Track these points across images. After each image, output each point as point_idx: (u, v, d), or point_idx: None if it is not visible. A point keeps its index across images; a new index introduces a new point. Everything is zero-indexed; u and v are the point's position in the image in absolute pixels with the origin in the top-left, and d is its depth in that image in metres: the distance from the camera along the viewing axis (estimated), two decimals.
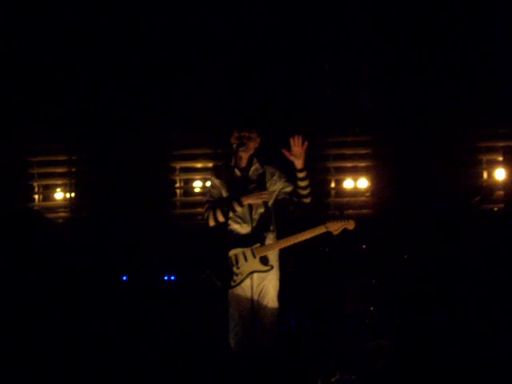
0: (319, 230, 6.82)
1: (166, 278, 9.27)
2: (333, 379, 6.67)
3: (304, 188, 6.85)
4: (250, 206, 6.85)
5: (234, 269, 6.75)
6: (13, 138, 10.24)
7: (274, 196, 6.97)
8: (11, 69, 9.92)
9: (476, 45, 9.60)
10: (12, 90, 9.98)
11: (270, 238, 6.87)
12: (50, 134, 10.24)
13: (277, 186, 6.96)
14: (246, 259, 6.76)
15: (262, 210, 6.86)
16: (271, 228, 6.91)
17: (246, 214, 6.86)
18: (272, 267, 6.80)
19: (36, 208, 10.25)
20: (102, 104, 9.97)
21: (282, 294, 6.96)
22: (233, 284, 6.74)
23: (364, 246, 8.86)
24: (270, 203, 6.92)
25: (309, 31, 9.66)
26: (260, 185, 6.91)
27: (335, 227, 6.79)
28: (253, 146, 6.91)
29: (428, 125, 9.76)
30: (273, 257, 6.87)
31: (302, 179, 6.83)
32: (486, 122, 9.90)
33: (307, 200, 6.92)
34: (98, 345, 7.57)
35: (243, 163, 6.93)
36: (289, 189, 6.94)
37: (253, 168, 6.95)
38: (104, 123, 10.00)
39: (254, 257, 6.76)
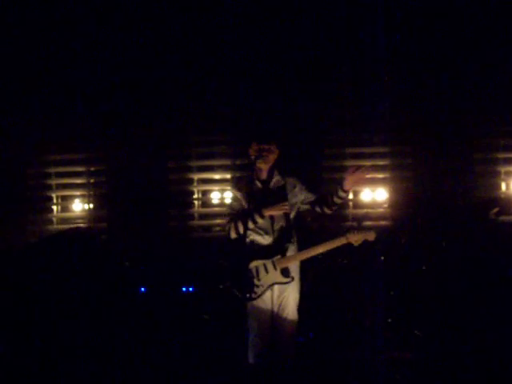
0: (340, 242, 6.78)
1: (184, 289, 9.26)
2: None
3: (335, 204, 6.85)
4: (272, 218, 6.84)
5: (255, 281, 6.72)
6: (31, 148, 10.30)
7: (296, 208, 6.96)
8: (29, 79, 9.98)
9: (494, 53, 9.57)
10: (30, 101, 10.04)
11: (291, 250, 6.84)
12: (69, 144, 10.29)
13: (298, 198, 6.95)
14: (266, 271, 6.74)
15: (283, 221, 6.85)
16: (292, 240, 6.88)
17: (268, 226, 6.84)
18: (293, 279, 6.78)
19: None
20: (120, 115, 10.00)
21: (300, 306, 6.94)
22: (254, 296, 6.71)
23: (382, 258, 8.84)
24: (292, 215, 6.91)
25: (327, 42, 9.66)
26: (281, 196, 6.90)
27: (356, 238, 6.74)
28: (272, 158, 6.90)
29: (446, 136, 9.74)
30: (293, 268, 6.85)
31: (341, 198, 6.83)
32: (504, 132, 9.88)
33: (329, 211, 6.93)
34: (116, 355, 7.59)
35: (264, 175, 6.92)
36: (312, 198, 6.94)
37: (274, 180, 6.94)
38: (122, 134, 10.03)
39: (275, 269, 6.74)
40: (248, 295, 6.69)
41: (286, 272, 6.75)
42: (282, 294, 6.79)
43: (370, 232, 6.78)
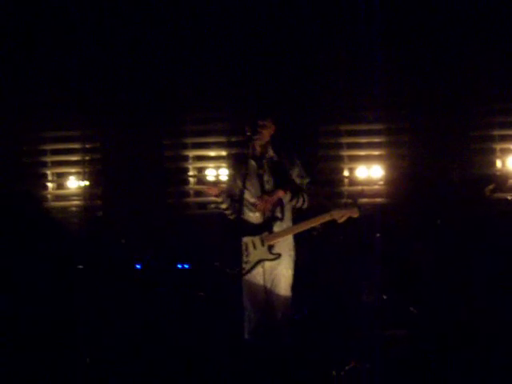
0: (324, 218, 6.80)
1: (179, 266, 9.27)
2: (347, 368, 6.67)
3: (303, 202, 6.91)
4: (264, 194, 6.83)
5: (244, 257, 6.73)
6: (27, 125, 10.28)
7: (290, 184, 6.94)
8: (27, 56, 9.95)
9: (490, 32, 9.55)
10: (26, 78, 10.00)
11: (280, 226, 6.83)
12: (64, 121, 10.27)
13: (293, 175, 6.93)
14: (254, 247, 6.75)
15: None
16: (283, 216, 6.87)
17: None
18: (279, 255, 6.76)
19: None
20: (115, 92, 9.97)
21: (295, 283, 6.95)
22: (242, 272, 6.72)
23: (378, 235, 8.84)
24: (287, 192, 6.89)
25: (323, 19, 9.63)
26: (275, 173, 6.89)
27: (340, 215, 6.76)
28: (267, 133, 6.87)
29: (441, 113, 9.74)
30: (285, 245, 6.85)
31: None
32: (500, 109, 9.88)
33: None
34: (111, 332, 7.60)
35: (258, 152, 6.90)
36: (300, 183, 6.93)
37: (267, 156, 6.92)
38: (118, 111, 10.01)
39: (263, 245, 6.75)
40: (237, 271, 6.69)
41: (273, 248, 6.75)
42: (273, 271, 6.79)
43: (354, 209, 6.79)
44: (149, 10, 9.81)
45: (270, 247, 6.76)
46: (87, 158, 10.33)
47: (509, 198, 9.61)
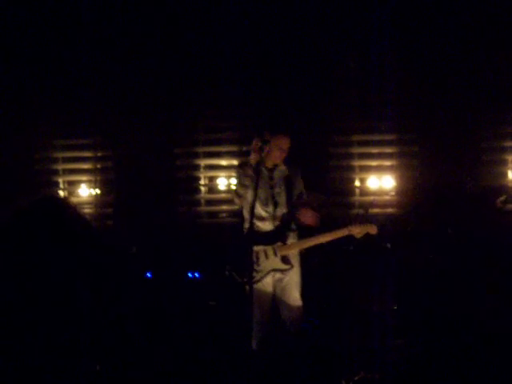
0: (342, 233, 6.85)
1: (190, 274, 9.27)
2: (356, 378, 6.65)
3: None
4: (274, 205, 6.83)
5: (255, 266, 6.71)
6: (39, 133, 10.30)
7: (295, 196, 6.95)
8: (38, 64, 9.97)
9: (500, 41, 9.54)
10: (39, 86, 10.03)
11: (291, 237, 6.84)
12: (76, 130, 10.29)
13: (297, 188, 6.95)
14: (266, 257, 6.74)
15: (285, 208, 6.85)
16: (293, 227, 6.88)
17: (270, 212, 6.83)
18: (292, 266, 6.78)
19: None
20: (127, 101, 9.99)
21: (305, 292, 6.94)
22: (252, 281, 6.69)
23: (388, 245, 8.83)
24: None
25: (334, 30, 9.64)
26: (285, 186, 6.88)
27: (357, 231, 6.81)
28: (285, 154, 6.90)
29: (453, 124, 9.73)
30: (293, 255, 6.85)
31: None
32: None
33: None
34: (121, 341, 7.60)
35: (270, 164, 6.89)
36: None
37: (279, 169, 6.92)
38: (129, 120, 10.02)
39: (276, 255, 6.74)
40: (246, 280, 6.67)
41: (286, 259, 6.76)
42: (283, 280, 6.79)
43: (372, 226, 6.84)
44: (162, 18, 9.83)
45: (284, 258, 6.77)
46: (99, 166, 10.35)
47: None
